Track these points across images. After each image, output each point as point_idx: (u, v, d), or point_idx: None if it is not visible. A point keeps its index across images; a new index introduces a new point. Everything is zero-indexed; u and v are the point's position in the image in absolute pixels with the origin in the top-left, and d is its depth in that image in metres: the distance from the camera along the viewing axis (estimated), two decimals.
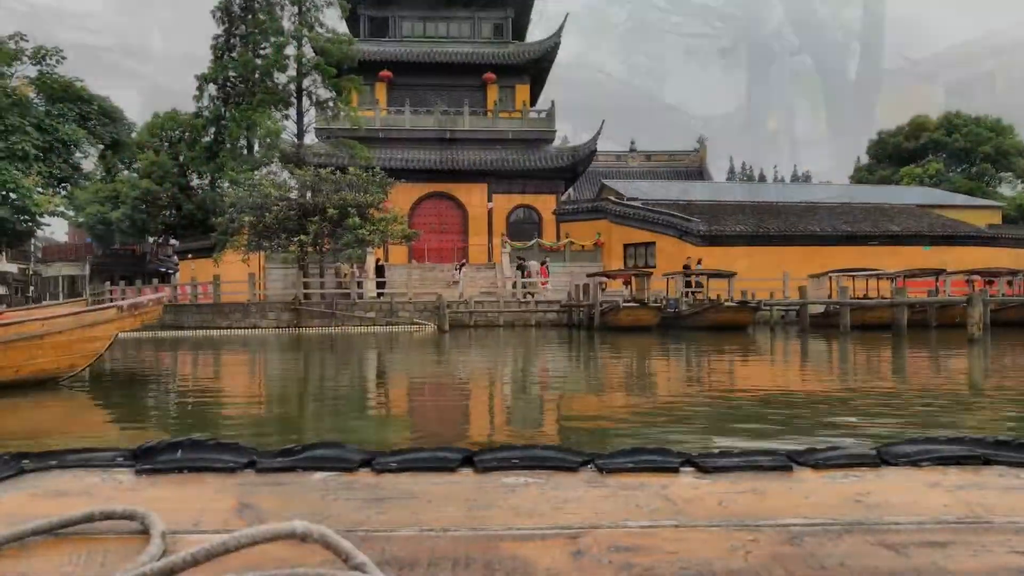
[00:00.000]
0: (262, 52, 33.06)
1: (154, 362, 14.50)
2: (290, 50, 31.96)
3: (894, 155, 59.15)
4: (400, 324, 26.94)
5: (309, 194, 29.46)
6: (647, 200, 37.45)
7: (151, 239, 55.86)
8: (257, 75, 32.15)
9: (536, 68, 41.05)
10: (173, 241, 52.37)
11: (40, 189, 27.20)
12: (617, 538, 0.77)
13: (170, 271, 51.68)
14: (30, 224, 28.14)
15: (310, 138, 35.73)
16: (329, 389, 9.96)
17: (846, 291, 23.10)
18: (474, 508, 0.85)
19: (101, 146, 30.83)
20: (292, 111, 33.40)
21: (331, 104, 32.48)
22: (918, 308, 22.99)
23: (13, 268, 64.19)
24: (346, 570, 0.68)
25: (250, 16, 34.13)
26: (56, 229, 69.98)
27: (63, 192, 30.25)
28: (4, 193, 25.63)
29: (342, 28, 35.75)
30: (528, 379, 11.15)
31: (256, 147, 34.11)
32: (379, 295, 29.92)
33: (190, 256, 40.93)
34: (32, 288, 63.39)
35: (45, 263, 64.07)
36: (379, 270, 31.46)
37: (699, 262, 30.40)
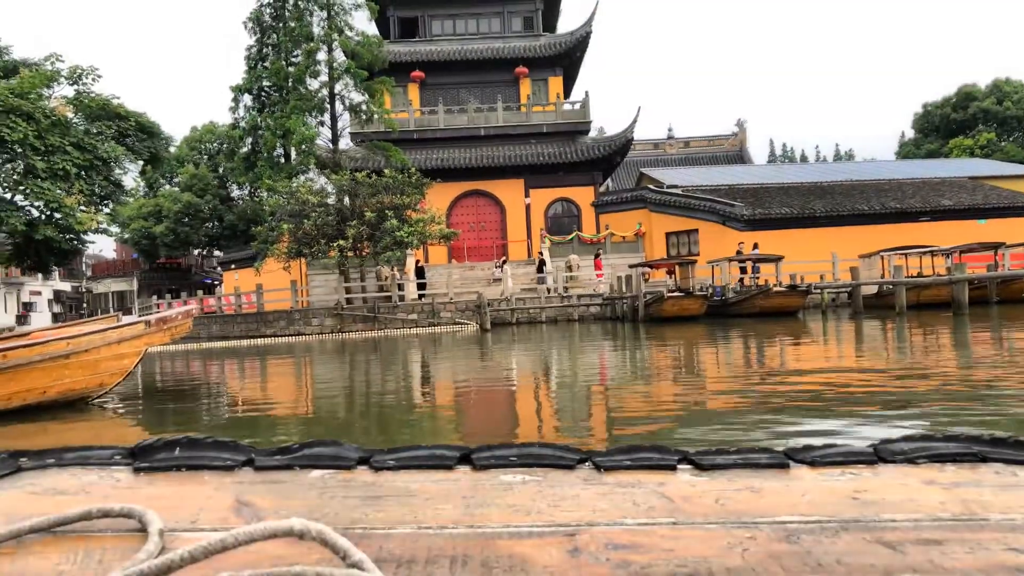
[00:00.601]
0: (294, 60, 33.17)
1: (197, 374, 14.48)
2: (321, 55, 31.99)
3: (941, 127, 57.40)
4: (442, 324, 26.78)
5: (346, 199, 29.50)
6: (687, 187, 36.76)
7: (195, 251, 56.82)
8: (290, 83, 32.24)
9: (568, 59, 40.56)
10: (217, 252, 53.22)
11: (83, 207, 27.62)
12: (614, 536, 0.77)
13: (215, 282, 52.43)
14: (75, 242, 28.61)
15: (345, 143, 35.78)
16: (377, 392, 9.75)
17: (900, 270, 22.27)
18: (471, 506, 0.84)
19: (140, 162, 31.24)
20: (326, 117, 33.46)
21: (364, 107, 32.41)
22: (977, 284, 22.09)
23: (67, 286, 65.98)
24: (344, 568, 0.68)
25: (281, 24, 34.30)
26: (104, 246, 71.64)
27: (105, 209, 30.72)
28: (48, 213, 26.08)
29: (372, 30, 35.74)
30: (576, 375, 10.80)
31: (293, 155, 34.28)
32: (420, 296, 29.82)
33: (233, 266, 41.42)
34: (85, 305, 65.03)
35: (95, 280, 65.63)
36: (419, 271, 31.37)
37: (755, 246, 29.71)
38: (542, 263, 32.64)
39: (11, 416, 7.32)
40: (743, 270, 27.50)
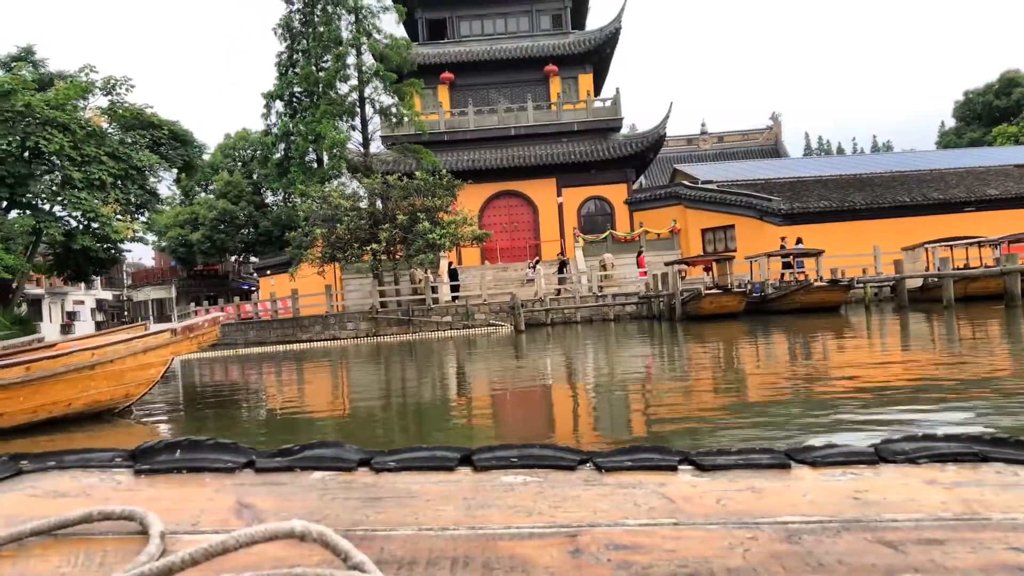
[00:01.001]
0: (324, 65, 33.25)
1: (235, 380, 14.43)
2: (350, 59, 31.99)
3: (983, 115, 55.99)
4: (477, 326, 26.59)
5: (378, 202, 29.47)
6: (722, 181, 36.17)
7: (232, 258, 57.36)
8: (320, 87, 32.31)
9: (598, 56, 40.18)
10: (253, 258, 53.66)
11: (119, 216, 27.90)
12: (615, 537, 0.77)
13: (252, 288, 52.90)
14: (112, 251, 28.94)
15: (376, 146, 35.78)
16: (413, 397, 9.58)
17: (947, 262, 21.58)
18: (472, 507, 0.84)
19: (175, 170, 31.53)
20: (357, 121, 33.48)
21: (394, 110, 32.37)
22: None
23: (108, 295, 67.09)
24: (345, 569, 0.69)
25: (310, 30, 34.39)
26: (144, 255, 72.72)
27: (141, 218, 31.06)
28: (86, 222, 26.38)
29: (400, 33, 35.67)
30: (612, 378, 10.51)
31: (325, 159, 34.36)
32: (454, 299, 29.68)
33: (269, 272, 41.71)
34: (126, 313, 66.05)
35: (135, 288, 66.63)
36: (452, 273, 31.23)
37: (799, 241, 29.13)
38: (563, 264, 32.11)
39: (38, 430, 7.23)
40: (787, 265, 26.91)
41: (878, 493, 0.86)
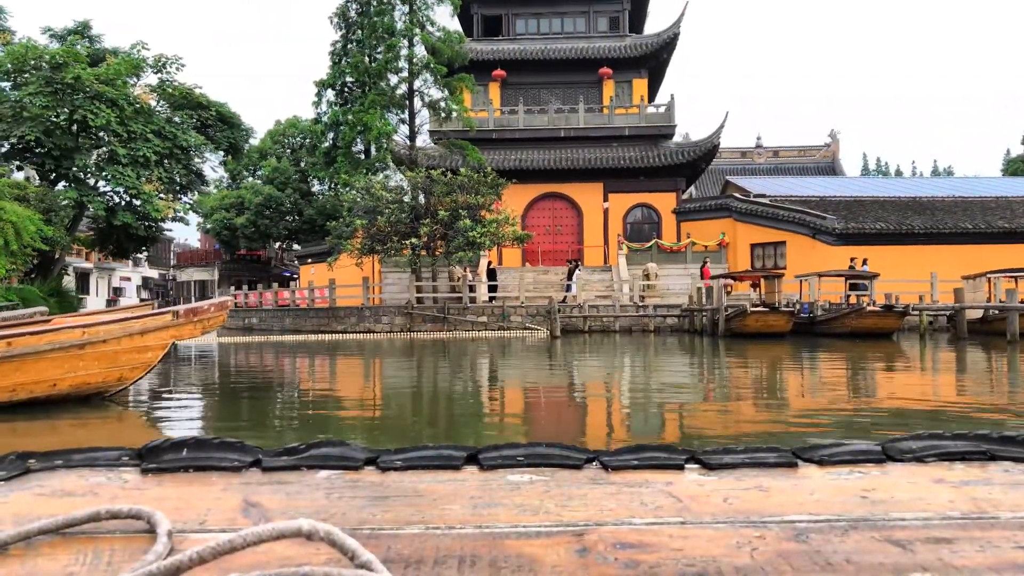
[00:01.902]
0: (376, 55, 32.95)
1: (269, 369, 14.05)
2: (402, 50, 31.63)
3: None
4: (512, 329, 26.00)
5: (421, 196, 29.06)
6: (776, 196, 35.03)
7: (275, 244, 57.58)
8: (370, 78, 32.01)
9: (655, 61, 39.29)
10: (296, 246, 53.77)
11: (161, 195, 27.88)
12: (622, 535, 0.77)
13: (294, 275, 53.04)
14: (152, 229, 28.95)
15: (423, 140, 35.36)
16: (445, 399, 9.10)
17: (1014, 293, 20.40)
18: (479, 506, 0.85)
19: (220, 152, 31.48)
20: (405, 114, 33.12)
21: (443, 104, 31.93)
22: None
23: (155, 274, 68.10)
24: (352, 568, 0.69)
25: (365, 20, 34.12)
26: (191, 236, 73.59)
27: (184, 198, 31.06)
28: (128, 199, 26.38)
29: (454, 26, 35.19)
30: (648, 398, 9.83)
31: (373, 151, 34.05)
32: (491, 299, 29.12)
33: (310, 261, 41.65)
34: (170, 292, 66.97)
35: (179, 268, 67.50)
36: (491, 273, 30.65)
37: (864, 262, 28.04)
38: (571, 271, 30.96)
39: (19, 410, 6.74)
40: (853, 287, 25.80)
41: (886, 492, 0.85)
